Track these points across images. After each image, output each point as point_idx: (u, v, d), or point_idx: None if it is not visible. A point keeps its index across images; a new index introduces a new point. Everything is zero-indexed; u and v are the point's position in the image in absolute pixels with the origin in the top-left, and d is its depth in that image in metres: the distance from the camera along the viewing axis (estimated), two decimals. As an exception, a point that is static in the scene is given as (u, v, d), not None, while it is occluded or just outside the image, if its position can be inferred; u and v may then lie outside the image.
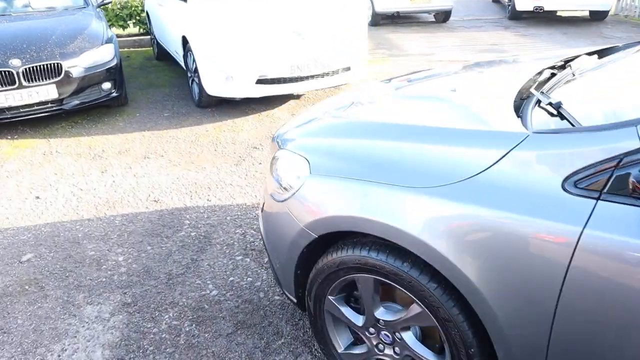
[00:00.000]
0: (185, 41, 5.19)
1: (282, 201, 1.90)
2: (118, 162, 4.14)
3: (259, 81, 4.77)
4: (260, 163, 4.05)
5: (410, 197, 1.49)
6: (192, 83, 5.34)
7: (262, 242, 2.97)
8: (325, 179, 1.74)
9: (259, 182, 3.75)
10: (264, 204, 2.13)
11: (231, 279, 2.68)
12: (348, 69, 5.15)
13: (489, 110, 1.69)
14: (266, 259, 2.83)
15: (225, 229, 3.14)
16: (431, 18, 10.51)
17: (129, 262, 2.85)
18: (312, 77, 4.94)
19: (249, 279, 2.68)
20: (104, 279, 2.71)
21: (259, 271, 2.73)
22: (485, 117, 1.62)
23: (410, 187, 1.50)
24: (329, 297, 1.85)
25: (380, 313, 1.72)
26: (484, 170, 1.41)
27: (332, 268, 1.75)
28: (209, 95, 5.03)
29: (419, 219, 1.47)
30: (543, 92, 1.71)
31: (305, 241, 1.81)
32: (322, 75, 4.99)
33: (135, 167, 4.03)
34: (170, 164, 4.07)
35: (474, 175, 1.42)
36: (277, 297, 2.52)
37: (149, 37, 8.07)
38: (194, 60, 5.02)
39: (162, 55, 7.06)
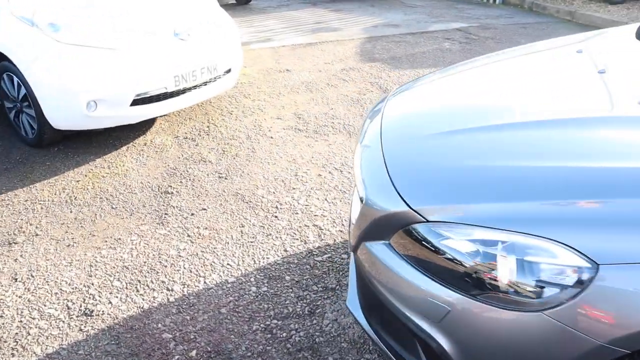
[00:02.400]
0: (-5, 58, 3.61)
1: (537, 311, 1.23)
2: (-33, 262, 2.65)
3: (135, 102, 3.58)
4: (192, 214, 3.02)
5: None
6: (18, 115, 3.78)
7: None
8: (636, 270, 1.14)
9: (215, 242, 2.77)
10: (447, 312, 1.39)
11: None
12: (229, 71, 4.25)
13: None
14: (330, 360, 2.03)
15: (237, 331, 2.19)
16: (232, 0, 9.73)
17: None
18: (197, 86, 3.92)
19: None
20: None
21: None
22: None
23: None
24: None
25: None
26: None
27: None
28: (56, 130, 3.62)
29: None
30: None
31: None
32: (206, 83, 4.00)
33: (9, 263, 2.62)
34: (61, 245, 2.76)
35: None
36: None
37: None
38: (22, 84, 3.52)
39: None
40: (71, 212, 3.06)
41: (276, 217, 2.99)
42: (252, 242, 2.77)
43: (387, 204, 1.59)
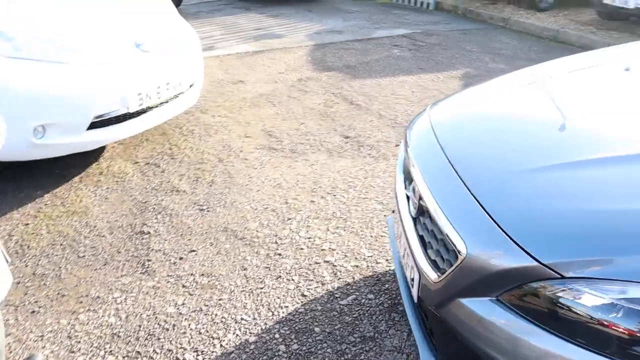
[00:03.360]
0: None
1: None
2: None
3: (93, 125, 3.04)
4: (180, 258, 2.57)
5: None
6: (-63, 147, 3.09)
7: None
8: None
9: (219, 292, 2.35)
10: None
11: None
12: (192, 85, 3.79)
13: None
14: None
15: (277, 407, 1.81)
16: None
17: None
18: (160, 104, 3.43)
19: None
20: None
21: None
22: None
23: None
24: None
25: None
26: None
27: None
28: (-7, 163, 3.01)
29: None
30: None
31: None
32: (167, 101, 3.52)
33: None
34: (22, 313, 2.21)
35: None
36: None
37: None
38: (-56, 110, 2.87)
39: None
40: (26, 266, 2.50)
41: (280, 254, 2.62)
42: (261, 288, 2.39)
43: (503, 259, 1.32)
